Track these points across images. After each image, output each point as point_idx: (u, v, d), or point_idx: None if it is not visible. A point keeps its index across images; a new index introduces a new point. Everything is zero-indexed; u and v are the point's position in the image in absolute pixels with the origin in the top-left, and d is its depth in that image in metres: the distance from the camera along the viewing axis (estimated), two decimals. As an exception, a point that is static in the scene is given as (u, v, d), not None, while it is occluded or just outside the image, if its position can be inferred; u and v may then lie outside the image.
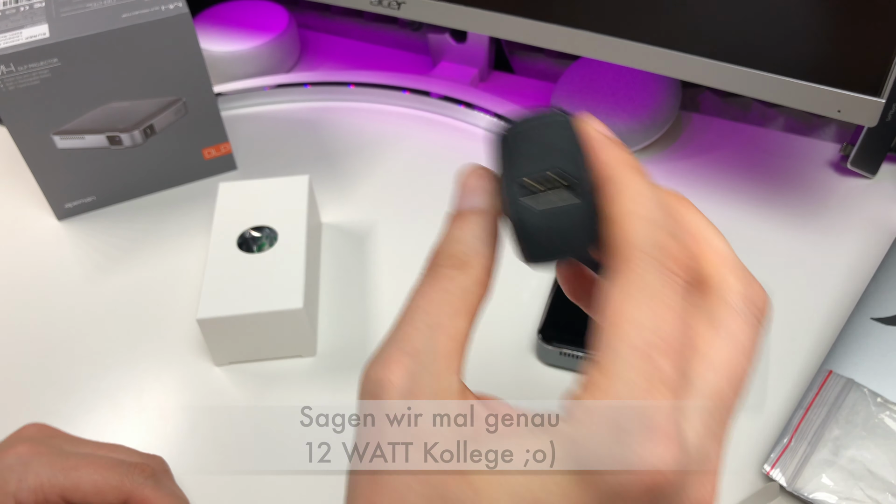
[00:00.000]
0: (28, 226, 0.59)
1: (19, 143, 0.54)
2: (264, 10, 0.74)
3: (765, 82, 0.48)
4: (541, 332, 0.47)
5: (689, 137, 0.64)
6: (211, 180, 0.62)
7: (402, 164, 0.63)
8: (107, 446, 0.39)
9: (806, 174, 0.60)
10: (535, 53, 0.73)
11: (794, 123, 0.65)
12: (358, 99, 0.70)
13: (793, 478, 0.39)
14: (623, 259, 0.23)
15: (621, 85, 0.61)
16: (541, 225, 0.24)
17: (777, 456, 0.40)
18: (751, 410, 0.45)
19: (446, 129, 0.66)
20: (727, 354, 0.23)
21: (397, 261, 0.55)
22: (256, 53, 0.71)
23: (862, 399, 0.41)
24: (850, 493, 0.38)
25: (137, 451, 0.40)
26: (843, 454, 0.39)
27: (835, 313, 0.50)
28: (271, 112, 0.69)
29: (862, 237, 0.54)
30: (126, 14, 0.52)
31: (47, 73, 0.51)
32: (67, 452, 0.37)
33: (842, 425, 0.40)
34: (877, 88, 0.45)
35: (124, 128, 0.56)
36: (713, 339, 0.23)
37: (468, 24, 0.56)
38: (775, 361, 0.47)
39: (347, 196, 0.60)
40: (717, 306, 0.24)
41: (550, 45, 0.54)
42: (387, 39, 0.79)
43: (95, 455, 0.37)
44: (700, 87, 0.67)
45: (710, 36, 0.48)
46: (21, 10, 0.53)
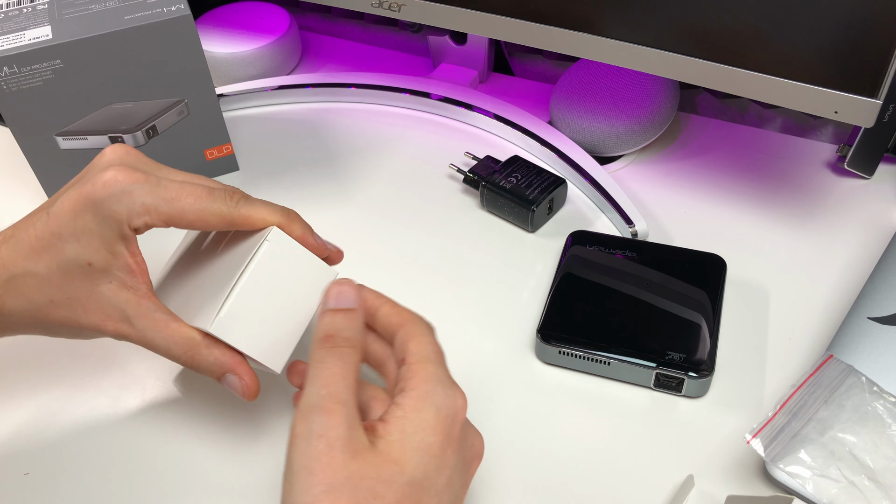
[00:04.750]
0: (31, 226, 0.60)
1: (22, 144, 0.55)
2: (266, 12, 0.74)
3: (762, 83, 0.48)
4: (540, 331, 0.47)
5: (687, 138, 0.64)
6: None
7: (402, 164, 0.63)
8: (191, 175, 0.40)
9: (803, 175, 0.60)
10: (534, 55, 0.73)
11: (792, 124, 0.65)
12: (359, 100, 0.70)
13: (772, 449, 0.39)
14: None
15: (620, 86, 0.62)
16: None
17: (759, 427, 0.40)
18: (747, 410, 0.45)
19: (446, 129, 0.67)
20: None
21: (397, 261, 0.55)
22: (258, 55, 0.71)
23: (858, 385, 0.41)
24: (826, 470, 0.38)
25: (216, 181, 0.41)
26: (827, 434, 0.39)
27: (832, 313, 0.50)
28: (273, 113, 0.70)
29: (858, 237, 0.55)
30: (128, 16, 0.53)
31: (50, 74, 0.52)
32: (164, 180, 0.37)
33: (832, 408, 0.40)
34: (874, 90, 0.45)
35: (127, 129, 0.57)
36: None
37: (468, 26, 0.57)
38: (772, 361, 0.48)
39: (347, 196, 0.61)
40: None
41: (549, 46, 0.54)
42: (387, 41, 0.79)
43: (191, 183, 0.38)
44: (698, 89, 0.68)
45: (708, 38, 0.48)
46: (24, 11, 0.54)
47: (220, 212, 0.37)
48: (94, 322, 0.38)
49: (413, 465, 0.31)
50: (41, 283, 0.37)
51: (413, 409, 0.33)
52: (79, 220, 0.36)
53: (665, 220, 0.57)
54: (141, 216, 0.36)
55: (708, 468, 0.42)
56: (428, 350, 0.36)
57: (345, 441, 0.31)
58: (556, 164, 0.61)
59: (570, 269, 0.51)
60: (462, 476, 0.34)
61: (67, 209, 0.36)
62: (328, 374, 0.33)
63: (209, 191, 0.37)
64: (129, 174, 0.36)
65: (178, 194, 0.37)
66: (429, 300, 0.53)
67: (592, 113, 0.61)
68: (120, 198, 0.36)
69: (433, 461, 0.32)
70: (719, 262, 0.51)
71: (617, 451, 0.44)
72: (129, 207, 0.36)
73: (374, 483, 0.30)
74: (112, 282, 0.38)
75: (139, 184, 0.36)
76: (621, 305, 0.48)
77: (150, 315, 0.39)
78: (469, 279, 0.54)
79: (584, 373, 0.47)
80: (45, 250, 0.37)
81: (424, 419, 0.33)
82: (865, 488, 0.37)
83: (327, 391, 0.33)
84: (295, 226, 0.39)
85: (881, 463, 0.38)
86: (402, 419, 0.32)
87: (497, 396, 0.47)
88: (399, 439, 0.32)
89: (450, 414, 0.33)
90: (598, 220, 0.58)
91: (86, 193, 0.36)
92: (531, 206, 0.55)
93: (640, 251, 0.52)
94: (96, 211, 0.36)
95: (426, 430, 0.32)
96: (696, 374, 0.44)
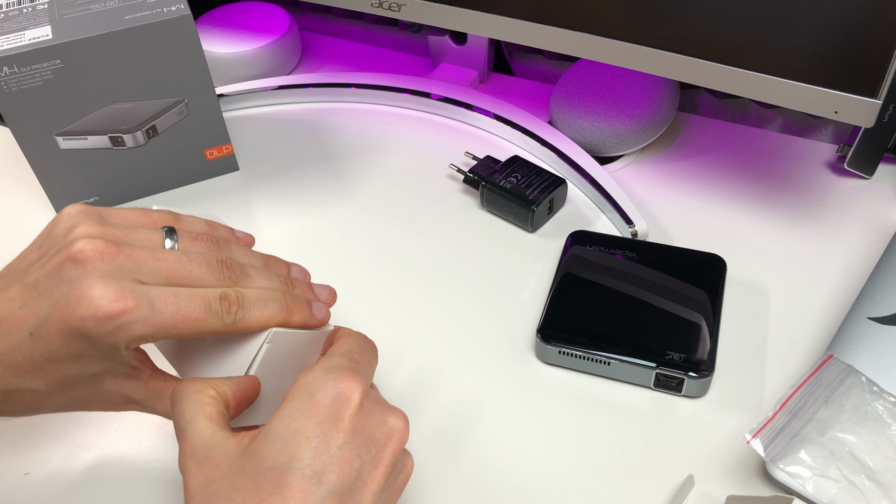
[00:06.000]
0: (31, 227, 0.60)
1: (22, 144, 0.55)
2: (266, 12, 0.74)
3: (762, 83, 0.48)
4: (540, 331, 0.47)
5: (687, 138, 0.64)
6: (213, 181, 0.63)
7: (402, 164, 0.63)
8: (176, 257, 0.37)
9: (803, 175, 0.60)
10: (534, 55, 0.73)
11: (791, 124, 0.65)
12: (359, 100, 0.70)
13: (772, 449, 0.39)
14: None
15: (620, 86, 0.62)
16: None
17: (759, 427, 0.40)
18: (747, 410, 0.45)
19: (446, 129, 0.67)
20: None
21: (397, 261, 0.55)
22: (258, 55, 0.71)
23: (858, 385, 0.41)
24: (826, 470, 0.38)
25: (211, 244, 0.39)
26: (827, 434, 0.39)
27: (831, 313, 0.50)
28: (273, 113, 0.70)
29: (858, 237, 0.55)
30: (128, 16, 0.53)
31: (50, 74, 0.52)
32: (156, 299, 0.34)
33: (832, 407, 0.40)
34: (873, 89, 0.45)
35: (127, 129, 0.57)
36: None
37: (468, 26, 0.57)
38: (772, 361, 0.48)
39: (347, 196, 0.61)
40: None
41: (549, 46, 0.54)
42: (387, 41, 0.79)
43: (186, 297, 0.35)
44: (698, 89, 0.68)
45: (708, 38, 0.48)
46: (24, 11, 0.54)
47: (218, 330, 0.36)
48: (102, 409, 0.39)
49: (276, 452, 0.32)
50: (41, 397, 0.36)
51: (288, 399, 0.34)
52: (72, 347, 0.34)
53: (665, 220, 0.57)
54: (137, 342, 0.35)
55: (708, 468, 0.42)
56: (336, 348, 0.37)
57: (199, 460, 0.33)
58: (556, 164, 0.61)
59: (570, 269, 0.51)
60: (367, 455, 0.33)
61: (56, 336, 0.34)
62: (174, 415, 0.35)
63: (205, 307, 0.35)
64: (120, 303, 0.33)
65: (175, 320, 0.34)
66: (429, 300, 0.53)
67: (592, 113, 0.61)
68: (116, 333, 0.34)
69: (304, 443, 0.32)
70: (719, 262, 0.51)
71: (617, 451, 0.44)
72: (126, 340, 0.34)
73: (233, 480, 0.32)
74: (116, 377, 0.37)
75: (133, 315, 0.33)
76: (621, 305, 0.48)
77: (158, 395, 0.38)
78: (469, 279, 0.54)
79: (584, 373, 0.47)
80: (40, 370, 0.35)
81: (295, 407, 0.33)
82: (865, 488, 0.37)
83: (176, 431, 0.34)
84: (295, 317, 0.38)
85: (881, 463, 0.38)
86: (273, 417, 0.33)
87: (497, 396, 0.47)
88: (265, 434, 0.33)
89: (330, 396, 0.33)
90: (598, 220, 0.58)
91: (75, 326, 0.33)
92: (531, 206, 0.55)
93: (640, 251, 0.52)
94: (91, 342, 0.34)
95: (294, 416, 0.33)
96: (696, 374, 0.44)
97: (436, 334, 0.50)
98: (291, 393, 0.34)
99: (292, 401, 0.34)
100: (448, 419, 0.46)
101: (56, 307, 0.33)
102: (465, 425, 0.45)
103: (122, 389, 0.37)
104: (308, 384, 0.34)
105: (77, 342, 0.34)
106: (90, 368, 0.35)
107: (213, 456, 0.33)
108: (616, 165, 0.62)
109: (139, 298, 0.34)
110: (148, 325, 0.34)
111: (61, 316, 0.33)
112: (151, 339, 0.35)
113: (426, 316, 0.52)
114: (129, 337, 0.34)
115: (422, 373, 0.48)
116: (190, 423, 0.34)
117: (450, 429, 0.45)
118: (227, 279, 0.37)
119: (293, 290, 0.40)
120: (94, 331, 0.33)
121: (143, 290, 0.34)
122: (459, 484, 0.43)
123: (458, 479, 0.43)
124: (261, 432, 0.33)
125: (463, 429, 0.45)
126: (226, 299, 0.36)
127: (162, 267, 0.36)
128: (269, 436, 0.33)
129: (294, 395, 0.34)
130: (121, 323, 0.33)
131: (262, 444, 0.33)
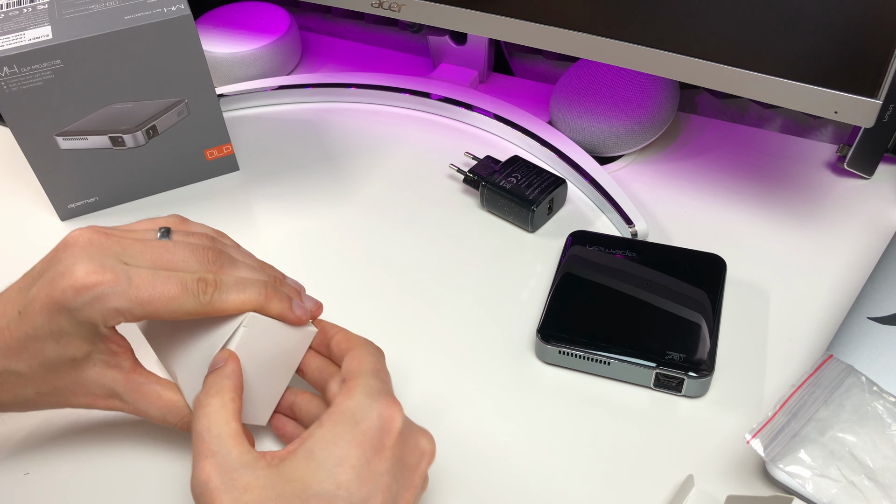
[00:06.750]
0: (31, 226, 0.60)
1: (22, 144, 0.55)
2: (266, 12, 0.74)
3: (762, 84, 0.48)
4: (540, 331, 0.47)
5: (687, 138, 0.64)
6: (213, 181, 0.63)
7: (402, 164, 0.63)
8: (162, 248, 0.38)
9: (803, 175, 0.60)
10: (534, 55, 0.73)
11: (791, 124, 0.66)
12: (359, 100, 0.70)
13: (771, 449, 0.39)
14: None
15: (620, 86, 0.62)
16: None
17: (759, 427, 0.40)
18: (747, 410, 0.45)
19: (446, 130, 0.67)
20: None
21: (397, 261, 0.55)
22: (258, 55, 0.71)
23: (858, 385, 0.41)
24: (826, 471, 0.38)
25: (192, 245, 0.39)
26: (827, 434, 0.39)
27: (831, 313, 0.50)
28: (273, 113, 0.70)
29: (858, 237, 0.55)
30: (128, 16, 0.53)
31: (50, 74, 0.52)
32: (135, 277, 0.36)
33: (832, 407, 0.40)
34: (873, 90, 0.45)
35: (127, 129, 0.57)
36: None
37: (468, 26, 0.57)
38: (772, 361, 0.48)
39: (348, 196, 0.61)
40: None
41: (549, 46, 0.54)
42: (387, 41, 0.79)
43: (164, 277, 0.36)
44: (698, 89, 0.68)
45: (708, 38, 0.48)
46: (24, 11, 0.54)
47: (193, 309, 0.36)
48: (85, 402, 0.39)
49: (321, 479, 0.32)
50: (25, 380, 0.38)
51: (331, 424, 0.34)
52: (53, 322, 0.36)
53: (665, 220, 0.57)
54: (115, 318, 0.36)
55: (708, 468, 0.42)
56: (362, 366, 0.38)
57: (226, 480, 0.32)
58: (556, 164, 0.61)
59: (570, 269, 0.51)
60: (403, 480, 0.35)
61: (40, 312, 0.36)
62: (197, 426, 0.35)
63: (181, 286, 0.36)
64: (98, 275, 0.35)
65: (150, 296, 0.36)
66: (429, 300, 0.53)
67: (592, 113, 0.61)
68: (92, 304, 0.35)
69: (350, 471, 0.33)
70: (719, 262, 0.51)
71: (617, 451, 0.44)
72: (103, 312, 0.35)
73: (274, 503, 0.32)
74: (97, 365, 0.38)
75: (110, 287, 0.35)
76: (621, 305, 0.48)
77: (139, 389, 0.39)
78: (469, 279, 0.54)
79: (584, 373, 0.47)
80: (24, 350, 0.37)
81: (340, 434, 0.34)
82: (865, 488, 0.37)
83: (197, 444, 0.34)
84: (272, 305, 0.39)
85: (881, 463, 0.38)
86: (310, 439, 0.34)
87: (497, 396, 0.47)
88: (305, 457, 0.33)
89: (374, 426, 0.34)
90: (598, 220, 0.58)
91: (56, 298, 0.35)
92: (531, 206, 0.55)
93: (639, 251, 0.52)
94: (70, 316, 0.36)
95: (339, 444, 0.34)
96: (696, 374, 0.44)
97: (436, 334, 0.50)
98: (333, 418, 0.35)
99: (335, 427, 0.34)
100: (448, 419, 0.46)
101: (43, 284, 0.36)
102: (465, 425, 0.45)
103: (102, 379, 0.38)
104: (353, 412, 0.35)
105: (58, 317, 0.35)
106: (70, 349, 0.37)
107: (240, 478, 0.33)
108: (616, 165, 0.62)
109: (118, 274, 0.35)
110: (124, 298, 0.35)
111: (47, 291, 0.36)
112: (129, 314, 0.36)
113: (426, 316, 0.52)
114: (104, 308, 0.35)
115: (422, 373, 0.48)
116: (217, 438, 0.34)
117: (450, 428, 0.45)
118: (212, 265, 0.38)
119: (276, 285, 0.40)
120: (72, 301, 0.35)
121: (124, 268, 0.36)
122: (460, 484, 0.43)
123: (459, 479, 0.43)
124: (297, 454, 0.33)
125: (463, 428, 0.45)
126: (203, 281, 0.37)
127: (147, 251, 0.37)
128: (312, 460, 0.33)
129: (337, 422, 0.34)
130: (97, 293, 0.35)
131: (304, 468, 0.33)
